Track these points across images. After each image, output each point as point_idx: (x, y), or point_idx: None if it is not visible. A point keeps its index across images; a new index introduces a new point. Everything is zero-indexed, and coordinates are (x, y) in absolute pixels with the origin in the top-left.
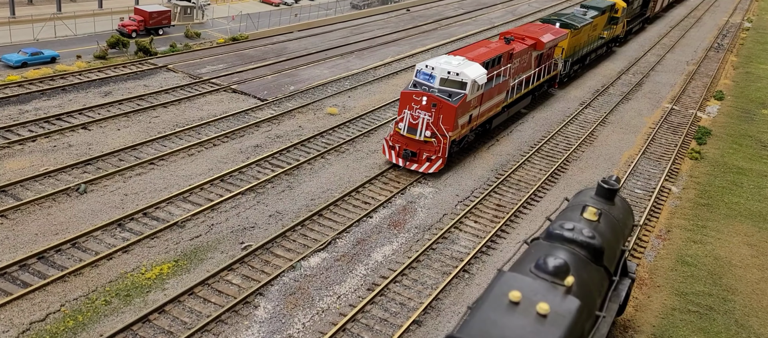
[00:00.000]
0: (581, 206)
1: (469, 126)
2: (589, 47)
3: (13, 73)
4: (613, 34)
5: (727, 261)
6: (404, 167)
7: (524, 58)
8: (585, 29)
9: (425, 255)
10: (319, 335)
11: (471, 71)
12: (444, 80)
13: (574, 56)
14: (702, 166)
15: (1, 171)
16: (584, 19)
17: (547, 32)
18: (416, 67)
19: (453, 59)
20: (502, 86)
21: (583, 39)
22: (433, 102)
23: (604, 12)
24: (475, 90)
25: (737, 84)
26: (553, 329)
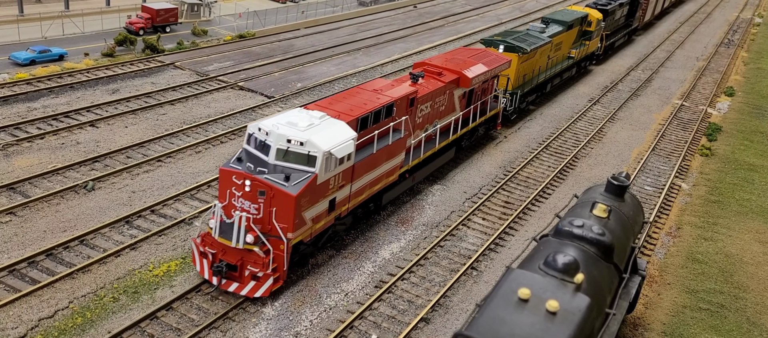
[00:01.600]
0: (591, 203)
1: (332, 214)
2: (550, 71)
3: (22, 71)
4: (587, 51)
5: (738, 258)
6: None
7: (440, 100)
8: (542, 50)
9: (433, 252)
10: (326, 332)
11: (325, 138)
12: (282, 152)
13: (527, 86)
14: (712, 162)
15: (10, 169)
16: (540, 39)
17: (479, 62)
18: (248, 129)
19: (303, 117)
20: (395, 147)
21: (541, 62)
22: (261, 188)
23: (572, 26)
24: (333, 165)
25: (748, 80)
26: (563, 327)
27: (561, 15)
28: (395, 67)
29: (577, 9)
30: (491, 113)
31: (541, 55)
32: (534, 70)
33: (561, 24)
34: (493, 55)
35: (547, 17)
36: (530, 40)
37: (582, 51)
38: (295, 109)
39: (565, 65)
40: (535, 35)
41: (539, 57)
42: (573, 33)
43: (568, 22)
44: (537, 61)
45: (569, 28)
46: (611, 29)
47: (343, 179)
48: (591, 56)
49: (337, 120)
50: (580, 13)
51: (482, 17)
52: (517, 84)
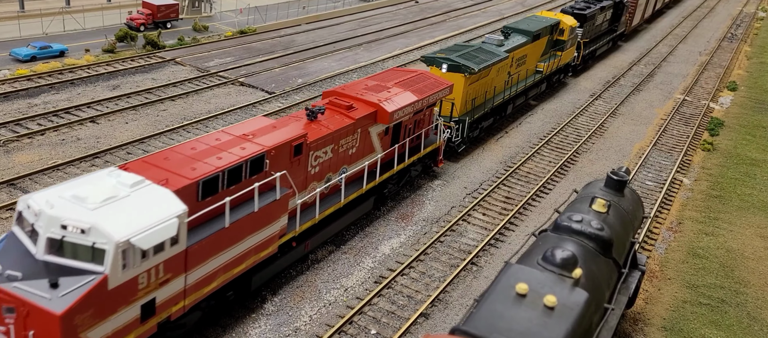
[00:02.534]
0: (590, 198)
1: (153, 321)
2: (510, 91)
3: (23, 67)
4: (559, 63)
5: (739, 253)
6: None
7: (349, 140)
8: (499, 67)
9: (433, 247)
10: (326, 328)
11: (123, 221)
12: (57, 243)
13: (478, 110)
14: (714, 157)
15: (11, 165)
16: (494, 55)
17: (407, 90)
18: (18, 204)
19: (103, 187)
20: (267, 212)
21: (497, 81)
22: (9, 305)
23: (538, 36)
24: (138, 258)
25: (751, 74)
26: (561, 321)
27: (526, 24)
28: (396, 63)
29: (547, 15)
30: (428, 149)
31: (498, 73)
32: (487, 91)
33: (524, 34)
34: (430, 78)
35: (509, 27)
36: (481, 57)
37: (553, 63)
38: (103, 170)
39: (531, 81)
40: (489, 50)
41: (495, 75)
42: (541, 43)
43: (533, 32)
44: (491, 80)
45: (535, 38)
46: (591, 36)
47: (166, 272)
48: (566, 68)
49: (162, 187)
50: (550, 20)
51: (484, 12)
52: (465, 109)
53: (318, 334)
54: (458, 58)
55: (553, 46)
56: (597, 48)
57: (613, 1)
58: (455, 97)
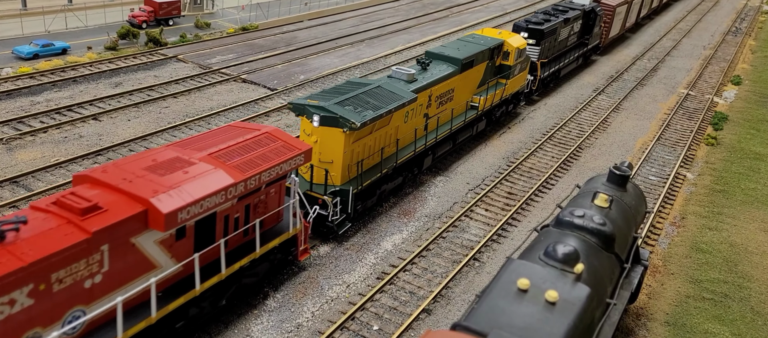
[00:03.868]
0: (592, 193)
1: None
2: (427, 138)
3: (25, 65)
4: (503, 94)
5: (743, 247)
6: None
7: (77, 270)
8: (404, 112)
9: (435, 243)
10: (328, 324)
11: None
12: None
13: (371, 174)
14: (718, 151)
15: (14, 163)
16: (396, 97)
17: (222, 167)
18: None
19: None
20: None
21: (404, 130)
22: None
23: (472, 64)
24: None
25: (755, 68)
26: (562, 317)
27: (454, 49)
28: (399, 59)
29: (490, 34)
30: (272, 244)
31: (405, 119)
32: (387, 145)
33: (449, 63)
34: (277, 141)
35: (432, 53)
36: (373, 102)
37: (495, 95)
38: None
39: (459, 123)
40: (390, 90)
41: (399, 122)
42: (476, 72)
43: (462, 60)
44: (393, 129)
45: (465, 67)
46: (553, 54)
47: None
48: (516, 97)
49: None
50: (490, 41)
51: (486, 7)
52: (349, 175)
53: (320, 330)
54: (336, 107)
55: (496, 72)
56: (562, 67)
57: (580, 10)
58: (333, 160)
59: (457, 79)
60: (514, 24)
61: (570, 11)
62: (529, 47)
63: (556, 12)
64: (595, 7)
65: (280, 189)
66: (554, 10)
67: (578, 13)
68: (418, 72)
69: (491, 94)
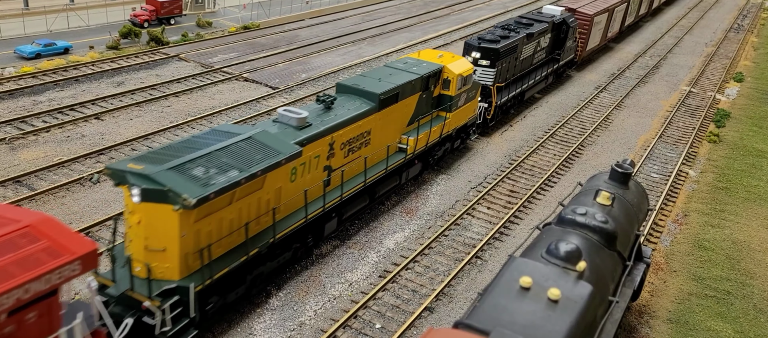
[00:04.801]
0: (594, 190)
1: None
2: (320, 203)
3: (27, 65)
4: (446, 129)
5: (745, 245)
6: None
7: None
8: (289, 171)
9: (437, 241)
10: (330, 322)
11: None
12: None
13: (226, 262)
14: (720, 149)
15: (16, 162)
16: (274, 150)
17: None
18: None
19: None
20: None
21: (288, 193)
22: None
23: (396, 99)
24: None
25: (758, 65)
26: (565, 315)
27: (375, 80)
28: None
29: (428, 58)
30: None
31: (294, 177)
32: (259, 215)
33: (366, 99)
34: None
35: (346, 85)
36: (233, 163)
37: (432, 132)
38: None
39: (380, 171)
40: (264, 142)
41: (282, 182)
42: (405, 107)
43: (381, 95)
44: (266, 196)
45: (388, 102)
46: (513, 75)
47: None
48: (464, 131)
49: None
50: (424, 68)
51: (488, 5)
52: (191, 266)
53: (323, 329)
54: (166, 176)
55: (435, 104)
56: (525, 89)
57: (548, 22)
58: (166, 247)
59: (376, 119)
60: (466, 42)
61: (536, 24)
62: (482, 69)
63: (519, 26)
64: (568, 17)
65: (49, 311)
66: (517, 23)
67: (545, 26)
68: (318, 113)
69: (426, 132)
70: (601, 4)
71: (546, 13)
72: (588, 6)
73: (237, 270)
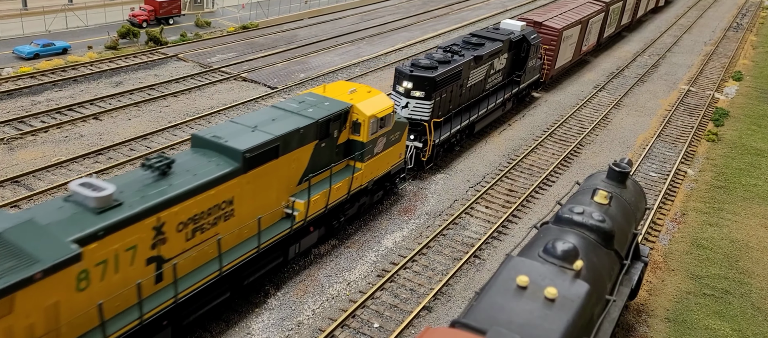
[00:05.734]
0: (592, 189)
1: None
2: (135, 313)
3: (26, 65)
4: (358, 183)
5: (744, 243)
6: None
7: None
8: (74, 277)
9: (436, 241)
10: (328, 321)
11: None
12: None
13: None
14: (719, 147)
15: (15, 162)
16: (30, 259)
17: None
18: None
19: None
20: None
21: (76, 306)
22: None
23: (274, 153)
24: None
25: (757, 64)
26: (561, 313)
27: (248, 129)
28: (399, 56)
29: (336, 93)
30: None
31: (86, 282)
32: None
33: (226, 156)
34: None
35: (203, 136)
36: None
37: (330, 192)
38: None
39: (248, 252)
40: (17, 242)
41: (57, 297)
42: (292, 161)
43: (246, 152)
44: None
45: (262, 159)
46: (457, 106)
47: None
48: (388, 179)
49: None
50: (325, 109)
51: (487, 4)
52: None
53: (321, 328)
54: None
55: (342, 152)
56: (475, 120)
57: (504, 41)
58: None
59: (241, 183)
60: (396, 69)
61: (487, 43)
62: (416, 102)
63: (466, 47)
64: (529, 33)
65: None
66: (464, 44)
67: (499, 46)
68: (143, 184)
69: (324, 190)
70: (571, 16)
71: (503, 30)
72: (556, 19)
73: None
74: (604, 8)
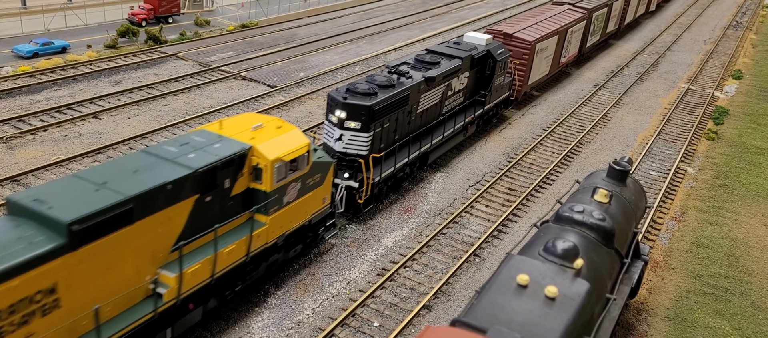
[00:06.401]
0: (592, 188)
1: None
2: None
3: (25, 64)
4: (258, 244)
5: (743, 242)
6: None
7: None
8: None
9: (436, 239)
10: (328, 320)
11: None
12: None
13: None
14: (719, 146)
15: (14, 161)
16: None
17: None
18: None
19: None
20: None
21: None
22: None
23: (125, 217)
24: None
25: (756, 62)
26: (562, 312)
27: (91, 186)
28: (398, 55)
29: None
30: None
31: None
32: None
33: (48, 230)
34: None
35: (19, 201)
36: None
37: (216, 258)
38: None
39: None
40: None
41: None
42: (161, 224)
43: (73, 224)
44: None
45: (101, 230)
46: (406, 134)
47: None
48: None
49: None
50: (209, 156)
51: (486, 3)
52: None
53: (321, 327)
54: None
55: (240, 205)
56: (429, 150)
57: (464, 57)
58: None
59: (69, 262)
60: (328, 95)
61: (444, 62)
62: (351, 134)
63: (419, 65)
64: (496, 48)
65: None
66: (418, 61)
67: (457, 65)
68: None
69: (208, 257)
70: (547, 26)
71: (465, 45)
72: (528, 30)
73: None
74: (586, 16)
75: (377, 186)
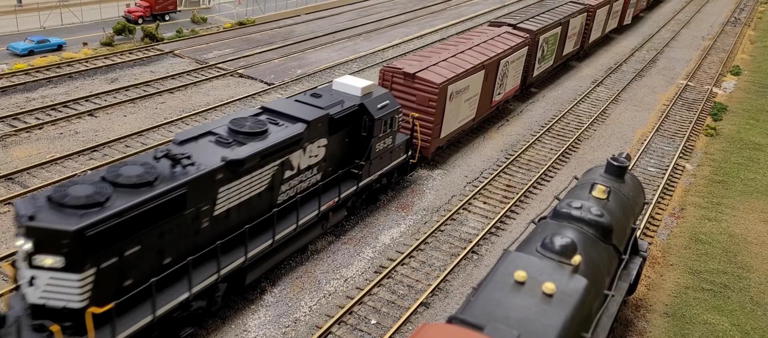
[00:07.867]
0: (590, 184)
1: None
2: None
3: (20, 61)
4: None
5: (742, 238)
6: None
7: None
8: None
9: (433, 236)
10: (326, 318)
11: None
12: None
13: None
14: (717, 142)
15: (9, 159)
16: None
17: None
18: None
19: None
20: None
21: None
22: None
23: None
24: None
25: (755, 58)
26: (559, 309)
27: None
28: (397, 52)
29: None
30: None
31: None
32: None
33: None
34: None
35: None
36: None
37: None
38: None
39: None
40: None
41: None
42: None
43: None
44: None
45: None
46: (187, 252)
47: None
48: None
49: None
50: None
51: (485, 0)
52: None
53: (318, 325)
54: None
55: None
56: (246, 265)
57: (312, 119)
58: None
59: None
60: (15, 205)
61: (277, 128)
62: (50, 276)
63: (231, 138)
64: (375, 100)
65: None
66: (232, 132)
67: (300, 132)
68: None
69: None
70: (467, 60)
71: (328, 97)
72: (438, 67)
73: None
74: (529, 40)
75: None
